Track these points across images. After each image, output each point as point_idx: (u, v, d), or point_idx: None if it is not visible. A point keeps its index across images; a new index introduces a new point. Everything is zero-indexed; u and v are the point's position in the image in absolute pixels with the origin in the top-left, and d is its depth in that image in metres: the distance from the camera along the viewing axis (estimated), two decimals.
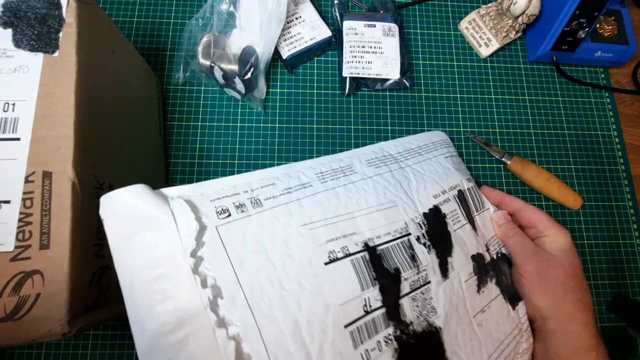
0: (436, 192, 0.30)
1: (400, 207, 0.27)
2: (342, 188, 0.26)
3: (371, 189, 0.27)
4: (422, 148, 0.33)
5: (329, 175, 0.27)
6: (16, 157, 0.20)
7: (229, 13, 0.38)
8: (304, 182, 0.26)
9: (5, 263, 0.19)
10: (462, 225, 0.30)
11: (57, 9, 0.23)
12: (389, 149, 0.32)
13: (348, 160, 0.29)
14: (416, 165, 0.31)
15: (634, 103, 0.44)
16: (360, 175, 0.28)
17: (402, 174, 0.30)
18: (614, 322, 0.37)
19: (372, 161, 0.30)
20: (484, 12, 0.43)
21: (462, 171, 0.34)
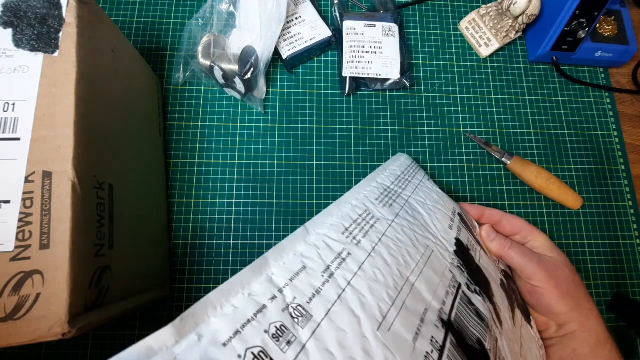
0: (448, 222, 0.26)
1: (437, 252, 0.23)
2: (381, 246, 0.20)
3: (403, 236, 0.22)
4: (406, 174, 0.30)
5: (358, 231, 0.21)
6: (16, 157, 0.20)
7: (229, 13, 0.38)
8: (339, 251, 0.19)
9: (5, 263, 0.19)
10: (480, 254, 0.26)
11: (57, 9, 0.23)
12: (383, 180, 0.28)
13: (362, 205, 0.23)
14: (415, 195, 0.28)
15: (634, 103, 0.44)
16: (384, 222, 0.23)
17: (412, 209, 0.26)
18: (614, 322, 0.37)
19: (381, 200, 0.25)
20: (484, 12, 0.43)
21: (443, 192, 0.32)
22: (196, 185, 0.37)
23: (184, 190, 0.37)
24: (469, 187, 0.39)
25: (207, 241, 0.36)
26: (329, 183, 0.38)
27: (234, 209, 0.37)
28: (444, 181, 0.39)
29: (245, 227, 0.36)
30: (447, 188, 0.39)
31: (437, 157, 0.40)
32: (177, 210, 0.36)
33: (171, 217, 0.36)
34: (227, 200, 0.37)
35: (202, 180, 0.37)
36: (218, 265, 0.35)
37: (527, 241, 0.29)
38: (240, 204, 0.37)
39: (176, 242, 0.36)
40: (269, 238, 0.36)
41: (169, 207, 0.37)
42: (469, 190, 0.39)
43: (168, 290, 0.34)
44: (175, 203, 0.37)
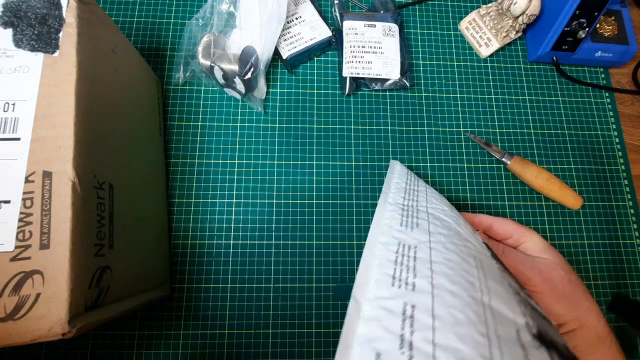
0: (470, 227, 0.24)
1: (484, 259, 0.20)
2: (437, 278, 0.18)
3: (449, 254, 0.19)
4: (410, 184, 0.28)
5: (405, 272, 0.18)
6: (16, 157, 0.20)
7: (229, 13, 0.38)
8: (401, 309, 0.16)
9: (5, 263, 0.19)
10: (497, 264, 0.23)
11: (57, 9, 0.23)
12: (395, 198, 0.25)
13: (392, 240, 0.21)
14: (430, 203, 0.26)
15: (634, 103, 0.44)
16: (424, 248, 0.20)
17: (438, 219, 0.23)
18: (614, 322, 0.37)
19: (406, 223, 0.22)
20: (484, 12, 0.43)
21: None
22: (196, 185, 0.37)
23: (184, 190, 0.37)
24: (469, 187, 0.39)
25: (207, 241, 0.36)
26: (329, 183, 0.38)
27: (234, 209, 0.37)
28: (444, 181, 0.39)
29: (245, 227, 0.36)
30: (447, 188, 0.39)
31: (437, 157, 0.40)
32: (177, 210, 0.36)
33: (171, 217, 0.36)
34: (227, 200, 0.37)
35: (202, 180, 0.37)
36: (218, 265, 0.35)
37: (520, 243, 0.29)
38: (240, 204, 0.37)
39: (176, 242, 0.36)
40: (269, 238, 0.36)
41: (169, 207, 0.37)
42: (469, 190, 0.39)
43: (168, 290, 0.34)
44: (175, 203, 0.37)
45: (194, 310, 0.34)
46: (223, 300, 0.34)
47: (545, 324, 0.18)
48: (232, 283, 0.35)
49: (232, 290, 0.35)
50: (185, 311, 0.34)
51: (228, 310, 0.34)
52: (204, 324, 0.34)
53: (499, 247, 0.29)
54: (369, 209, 0.38)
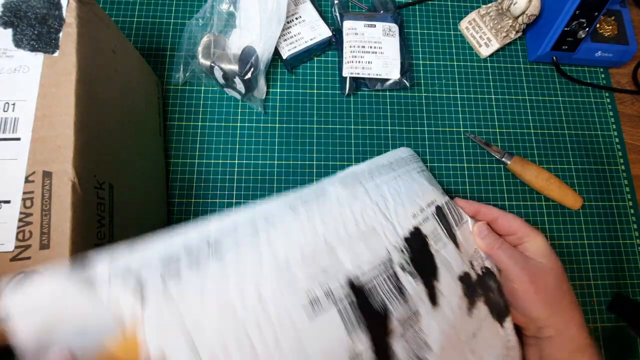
0: (415, 211, 0.28)
1: (381, 233, 0.25)
2: (317, 216, 0.24)
3: (349, 213, 0.25)
4: (394, 164, 0.32)
5: (299, 201, 0.24)
6: (16, 157, 0.20)
7: (229, 13, 0.38)
8: (273, 217, 0.23)
9: (5, 263, 0.19)
10: (444, 245, 0.28)
11: (57, 9, 0.23)
12: (361, 169, 0.30)
13: (319, 186, 0.27)
14: (391, 181, 0.29)
15: (634, 103, 0.44)
16: (335, 199, 0.26)
17: (378, 193, 0.28)
18: (614, 322, 0.37)
19: (344, 182, 0.27)
20: (484, 12, 0.43)
21: (436, 186, 0.33)
22: (196, 185, 0.37)
23: (184, 190, 0.37)
24: (469, 187, 0.39)
25: None
26: None
27: (234, 209, 0.37)
28: (444, 181, 0.39)
29: None
30: (447, 188, 0.39)
31: (437, 157, 0.40)
32: (177, 210, 0.36)
33: (171, 217, 0.36)
34: (227, 200, 0.37)
35: (202, 180, 0.37)
36: None
37: (523, 242, 0.29)
38: (240, 204, 0.37)
39: None
40: None
41: (169, 207, 0.37)
42: (469, 190, 0.39)
43: None
44: (175, 203, 0.37)
45: None
46: None
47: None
48: None
49: None
50: None
51: None
52: None
53: (497, 241, 0.29)
54: None
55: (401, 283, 0.24)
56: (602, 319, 0.37)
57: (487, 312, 0.27)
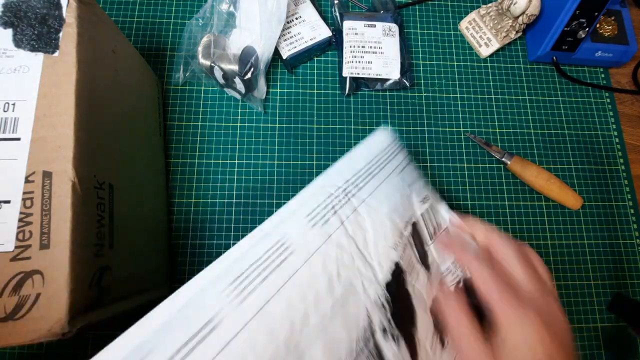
0: (395, 240, 0.22)
1: (359, 288, 0.19)
2: (276, 301, 0.17)
3: (322, 276, 0.18)
4: (372, 165, 0.25)
5: (247, 282, 0.17)
6: (16, 157, 0.20)
7: (229, 13, 0.38)
8: (200, 325, 0.15)
9: (5, 263, 0.19)
10: (417, 275, 0.23)
11: (57, 9, 0.23)
12: (335, 179, 0.23)
13: (278, 232, 0.19)
14: (370, 198, 0.23)
15: (634, 103, 0.44)
16: (301, 256, 0.18)
17: (356, 221, 0.21)
18: (614, 322, 0.37)
19: (315, 216, 0.20)
20: (484, 12, 0.43)
21: (418, 189, 0.27)
22: (196, 185, 0.37)
23: (184, 190, 0.37)
24: (469, 187, 0.39)
25: (207, 241, 0.36)
26: None
27: (234, 209, 0.37)
28: (444, 181, 0.39)
29: (245, 227, 0.36)
30: (447, 188, 0.39)
31: (437, 157, 0.40)
32: (177, 210, 0.36)
33: (171, 217, 0.36)
34: (227, 200, 0.37)
35: (202, 180, 0.37)
36: None
37: (504, 331, 0.19)
38: (240, 204, 0.37)
39: (176, 242, 0.36)
40: None
41: (169, 207, 0.37)
42: (469, 190, 0.39)
43: (168, 290, 0.34)
44: (175, 203, 0.37)
45: None
46: None
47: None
48: None
49: None
50: None
51: None
52: None
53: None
54: None
55: (383, 356, 0.19)
56: (602, 319, 0.37)
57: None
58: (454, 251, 0.24)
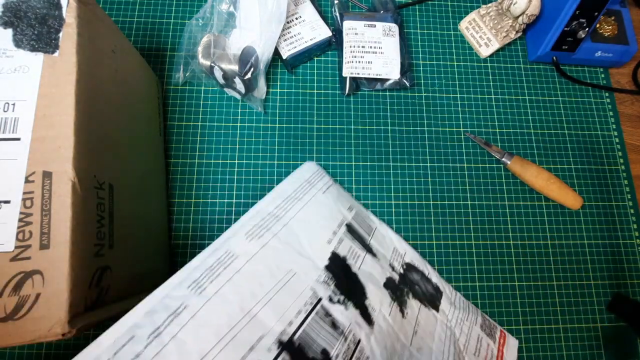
0: (328, 237, 0.29)
1: (301, 273, 0.25)
2: (228, 286, 0.22)
3: (262, 267, 0.24)
4: (299, 191, 0.31)
5: (206, 279, 0.23)
6: (16, 157, 0.20)
7: (229, 13, 0.38)
8: (175, 307, 0.21)
9: (5, 263, 0.19)
10: (363, 260, 0.29)
11: (57, 9, 0.23)
12: (267, 206, 0.29)
13: (224, 247, 0.25)
14: (299, 214, 0.29)
15: (634, 103, 0.44)
16: (244, 258, 0.24)
17: (287, 233, 0.27)
18: (614, 322, 0.37)
19: (252, 233, 0.26)
20: (484, 12, 0.43)
21: (343, 201, 0.33)
22: (196, 185, 0.37)
23: (184, 190, 0.37)
24: (469, 187, 0.39)
25: (207, 241, 0.36)
26: None
27: (234, 209, 0.37)
28: (444, 181, 0.39)
29: None
30: (447, 188, 0.39)
31: (437, 157, 0.40)
32: (177, 210, 0.36)
33: (171, 217, 0.36)
34: (227, 200, 0.37)
35: (202, 180, 0.37)
36: None
37: None
38: (240, 204, 0.37)
39: (176, 242, 0.36)
40: None
41: (169, 207, 0.37)
42: (469, 190, 0.39)
43: None
44: (175, 203, 0.37)
45: None
46: None
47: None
48: None
49: None
50: None
51: None
52: None
53: None
54: (368, 209, 0.38)
55: (333, 317, 0.24)
56: (602, 319, 0.37)
57: (418, 305, 0.29)
58: None
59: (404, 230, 0.37)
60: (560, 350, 0.36)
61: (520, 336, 0.36)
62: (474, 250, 0.38)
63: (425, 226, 0.38)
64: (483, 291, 0.36)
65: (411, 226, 0.38)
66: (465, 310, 0.32)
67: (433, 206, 0.38)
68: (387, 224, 0.37)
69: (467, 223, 0.38)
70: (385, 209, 0.38)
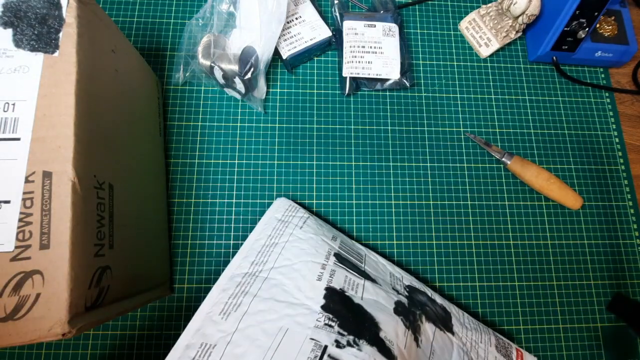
0: (317, 273, 0.26)
1: (294, 326, 0.22)
2: None
3: (246, 342, 0.21)
4: (274, 236, 0.29)
5: None
6: (16, 157, 0.20)
7: (229, 13, 0.38)
8: None
9: (5, 263, 0.19)
10: (364, 288, 0.26)
11: (57, 9, 0.23)
12: (240, 268, 0.26)
13: (198, 337, 0.22)
14: (280, 260, 0.27)
15: (634, 103, 0.44)
16: (223, 343, 0.22)
17: (270, 286, 0.25)
18: (614, 322, 0.37)
19: (227, 309, 0.24)
20: (484, 12, 0.43)
21: (325, 231, 0.31)
22: (196, 185, 0.37)
23: (184, 190, 0.37)
24: (469, 187, 0.39)
25: (207, 241, 0.36)
26: (329, 183, 0.38)
27: (234, 209, 0.37)
28: (444, 181, 0.39)
29: (245, 227, 0.36)
30: (447, 188, 0.39)
31: (437, 157, 0.40)
32: (177, 210, 0.36)
33: (171, 217, 0.36)
34: (227, 200, 0.37)
35: (202, 180, 0.37)
36: (218, 265, 0.35)
37: None
38: (240, 204, 0.37)
39: (176, 242, 0.36)
40: None
41: (169, 207, 0.37)
42: (469, 190, 0.39)
43: (168, 290, 0.34)
44: (175, 203, 0.37)
45: (194, 311, 0.34)
46: None
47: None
48: None
49: None
50: (185, 311, 0.34)
51: None
52: None
53: None
54: (368, 209, 0.38)
55: None
56: (602, 319, 0.37)
57: (433, 329, 0.26)
58: None
59: (404, 230, 0.37)
60: (560, 350, 0.36)
61: (520, 336, 0.36)
62: (474, 250, 0.38)
63: (425, 226, 0.38)
64: (483, 291, 0.36)
65: (411, 226, 0.38)
66: (477, 331, 0.30)
67: (433, 206, 0.38)
68: (377, 252, 0.34)
69: (467, 223, 0.38)
70: (385, 209, 0.38)
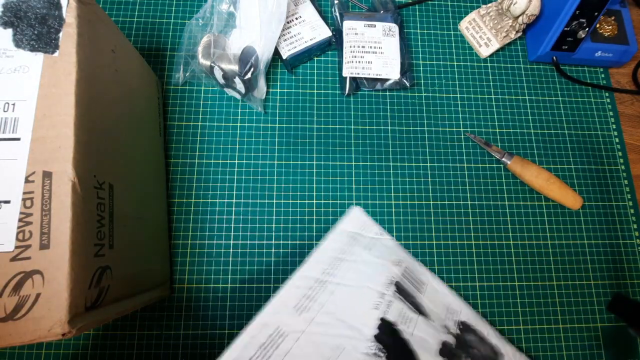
0: (376, 301, 0.27)
1: (349, 347, 0.24)
2: None
3: (311, 348, 0.23)
4: (344, 251, 0.30)
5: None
6: (16, 157, 0.20)
7: (229, 13, 0.38)
8: None
9: (5, 263, 0.19)
10: (415, 323, 0.26)
11: (57, 9, 0.23)
12: (312, 272, 0.28)
13: (274, 322, 0.24)
14: (345, 277, 0.28)
15: (634, 103, 0.44)
16: (292, 338, 0.23)
17: (334, 301, 0.26)
18: (614, 322, 0.37)
19: (299, 305, 0.25)
20: (484, 12, 0.43)
21: (391, 255, 0.31)
22: (196, 185, 0.37)
23: (184, 190, 0.37)
24: (469, 187, 0.39)
25: (207, 241, 0.36)
26: (329, 183, 0.38)
27: (234, 209, 0.37)
28: (444, 181, 0.39)
29: (245, 227, 0.36)
30: (447, 188, 0.39)
31: (437, 157, 0.40)
32: (177, 210, 0.36)
33: (171, 217, 0.36)
34: (227, 200, 0.37)
35: (202, 180, 0.37)
36: (218, 265, 0.35)
37: None
38: (240, 204, 0.37)
39: (176, 242, 0.36)
40: (269, 238, 0.36)
41: (169, 207, 0.37)
42: (469, 190, 0.39)
43: (168, 290, 0.34)
44: (175, 203, 0.37)
45: (194, 310, 0.34)
46: (223, 300, 0.34)
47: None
48: (232, 283, 0.35)
49: (232, 290, 0.35)
50: (185, 311, 0.34)
51: (228, 310, 0.34)
52: (204, 324, 0.34)
53: None
54: (368, 209, 0.38)
55: None
56: (602, 319, 0.37)
57: None
58: None
59: (404, 230, 0.37)
60: (560, 350, 0.36)
61: (520, 336, 0.36)
62: (474, 250, 0.38)
63: (425, 226, 0.38)
64: (483, 291, 0.36)
65: (411, 226, 0.38)
66: None
67: (433, 206, 0.38)
68: (440, 279, 0.34)
69: (467, 223, 0.38)
70: (385, 209, 0.38)
